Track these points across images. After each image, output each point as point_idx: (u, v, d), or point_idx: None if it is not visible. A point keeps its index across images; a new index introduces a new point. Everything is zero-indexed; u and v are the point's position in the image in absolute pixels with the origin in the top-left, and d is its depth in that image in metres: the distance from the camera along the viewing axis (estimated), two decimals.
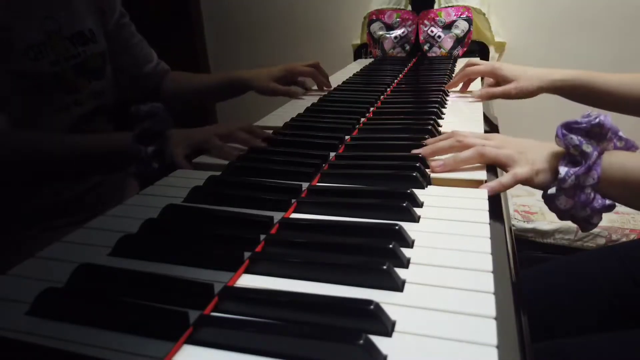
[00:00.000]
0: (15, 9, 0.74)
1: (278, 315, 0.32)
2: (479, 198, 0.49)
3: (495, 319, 0.31)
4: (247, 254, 0.39)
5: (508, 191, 0.59)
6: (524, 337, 0.33)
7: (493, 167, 0.58)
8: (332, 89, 1.05)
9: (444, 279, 0.36)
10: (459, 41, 1.46)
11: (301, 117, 0.83)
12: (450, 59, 1.41)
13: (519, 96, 0.86)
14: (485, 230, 0.43)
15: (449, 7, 1.49)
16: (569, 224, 1.41)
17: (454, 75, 1.07)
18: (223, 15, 2.23)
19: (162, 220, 0.46)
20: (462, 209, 0.47)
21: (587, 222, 0.54)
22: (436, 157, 0.59)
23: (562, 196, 0.52)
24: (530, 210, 1.50)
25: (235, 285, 0.36)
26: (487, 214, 0.46)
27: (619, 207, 0.54)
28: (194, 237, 0.43)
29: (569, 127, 0.52)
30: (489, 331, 0.30)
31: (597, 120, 0.51)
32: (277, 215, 0.46)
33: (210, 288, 0.34)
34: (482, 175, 0.55)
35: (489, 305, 0.32)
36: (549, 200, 0.54)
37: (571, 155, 0.52)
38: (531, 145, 0.57)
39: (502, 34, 1.79)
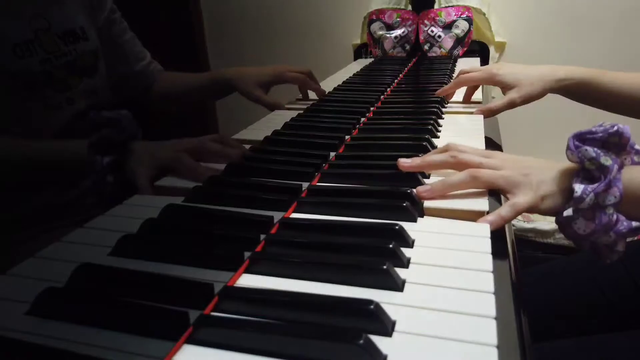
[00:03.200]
0: (2, 6, 0.74)
1: (278, 315, 0.32)
2: (480, 198, 0.49)
3: (495, 319, 0.31)
4: (247, 254, 0.39)
5: None
6: (524, 337, 0.33)
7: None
8: (325, 93, 0.99)
9: (444, 279, 0.36)
10: (459, 41, 1.46)
11: (301, 117, 0.83)
12: (450, 58, 1.41)
13: (524, 103, 0.78)
14: (485, 230, 0.43)
15: (449, 7, 1.49)
16: None
17: (453, 76, 1.07)
18: (223, 15, 2.23)
19: (162, 220, 0.46)
20: (462, 209, 0.47)
21: (610, 249, 0.46)
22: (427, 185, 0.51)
23: (580, 219, 0.44)
24: None
25: (235, 285, 0.36)
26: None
27: None
28: (194, 236, 0.43)
29: (583, 137, 0.46)
30: (489, 331, 0.30)
31: (615, 129, 0.45)
32: (277, 215, 0.46)
33: (210, 288, 0.34)
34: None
35: (489, 305, 0.32)
36: (564, 226, 0.46)
37: (586, 171, 0.45)
38: (537, 165, 0.50)
39: (502, 34, 1.79)
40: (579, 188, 0.44)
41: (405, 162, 0.53)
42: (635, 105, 0.75)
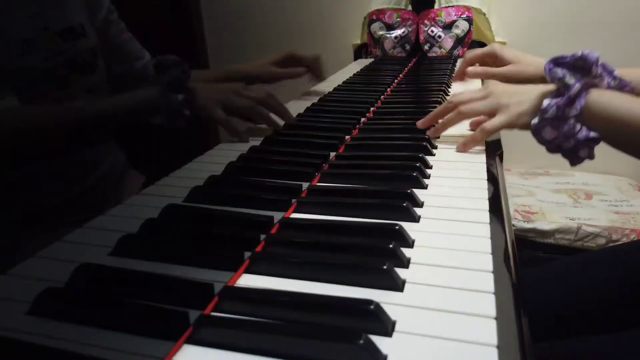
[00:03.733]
0: (5, 3, 0.74)
1: (278, 315, 0.32)
2: (480, 198, 0.49)
3: (495, 319, 0.31)
4: (247, 254, 0.39)
5: (508, 191, 0.59)
6: (524, 337, 0.33)
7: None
8: (331, 90, 1.03)
9: (444, 279, 0.36)
10: (459, 41, 1.46)
11: (301, 117, 0.83)
12: (450, 59, 1.41)
13: (516, 79, 0.84)
14: (485, 230, 0.43)
15: (449, 7, 1.49)
16: (569, 224, 1.41)
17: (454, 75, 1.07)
18: (223, 15, 2.23)
19: (162, 220, 0.46)
20: (462, 209, 0.47)
21: (574, 154, 0.56)
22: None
23: (547, 127, 0.54)
24: (530, 210, 1.50)
25: (235, 285, 0.36)
26: (487, 214, 0.46)
27: (620, 207, 0.55)
28: (194, 237, 0.43)
29: (557, 62, 0.55)
30: (489, 331, 0.30)
31: (579, 54, 0.54)
32: (277, 215, 0.46)
33: (211, 288, 0.34)
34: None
35: (489, 305, 0.32)
36: (535, 132, 0.56)
37: (558, 90, 0.55)
38: (521, 90, 0.60)
39: (502, 34, 1.79)
40: (545, 102, 0.54)
41: (418, 122, 0.68)
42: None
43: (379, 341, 0.29)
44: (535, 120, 0.55)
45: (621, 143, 0.55)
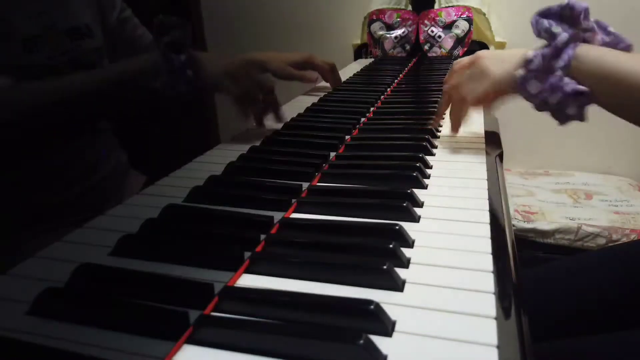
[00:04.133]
0: (11, 1, 0.75)
1: (278, 315, 0.32)
2: (480, 198, 0.49)
3: (495, 319, 0.31)
4: (247, 254, 0.39)
5: (508, 191, 0.59)
6: (524, 337, 0.33)
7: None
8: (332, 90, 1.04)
9: (444, 279, 0.36)
10: (459, 41, 1.46)
11: (301, 117, 0.83)
12: (450, 59, 1.41)
13: None
14: (485, 230, 0.43)
15: (449, 7, 1.49)
16: (569, 224, 1.41)
17: None
18: (223, 15, 2.23)
19: (162, 220, 0.46)
20: (462, 209, 0.47)
21: (561, 111, 0.52)
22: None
23: (533, 80, 0.52)
24: (530, 210, 1.50)
25: (235, 285, 0.36)
26: (487, 214, 0.46)
27: (620, 207, 0.54)
28: (194, 237, 0.43)
29: (542, 14, 0.54)
30: (489, 331, 0.30)
31: (567, 2, 0.52)
32: (277, 215, 0.46)
33: (211, 288, 0.34)
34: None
35: (489, 305, 0.32)
36: (520, 86, 0.54)
37: (545, 45, 0.53)
38: (507, 53, 0.60)
39: (502, 34, 1.78)
40: (531, 53, 0.53)
41: (434, 124, 0.71)
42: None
43: (379, 341, 0.29)
44: (520, 72, 0.53)
45: (613, 103, 0.52)
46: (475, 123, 0.76)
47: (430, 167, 0.59)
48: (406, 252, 0.39)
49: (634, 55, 0.50)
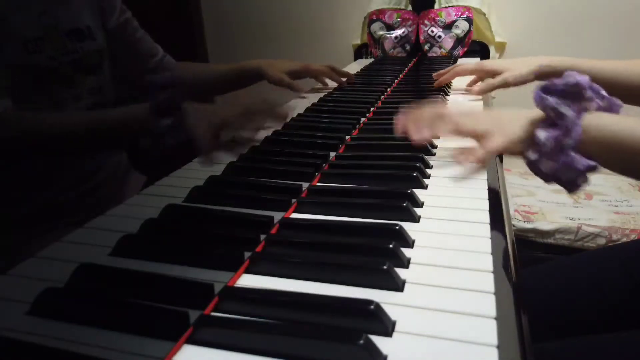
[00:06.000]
0: (13, 2, 0.75)
1: (278, 315, 0.32)
2: (479, 198, 0.49)
3: (495, 319, 0.31)
4: (247, 254, 0.39)
5: (508, 191, 0.59)
6: (524, 337, 0.33)
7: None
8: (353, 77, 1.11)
9: (444, 279, 0.36)
10: (459, 41, 1.46)
11: (301, 117, 0.83)
12: (450, 59, 1.41)
13: (516, 83, 0.87)
14: (485, 230, 0.43)
15: (449, 7, 1.49)
16: (569, 224, 1.41)
17: None
18: (223, 15, 2.23)
19: (162, 220, 0.46)
20: (462, 209, 0.47)
21: (572, 183, 0.53)
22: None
23: (545, 160, 0.52)
24: (530, 210, 1.50)
25: (235, 285, 0.36)
26: (487, 214, 0.46)
27: (620, 208, 0.54)
28: (194, 237, 0.43)
29: (546, 89, 0.52)
30: (489, 331, 0.30)
31: (573, 80, 0.51)
32: (278, 215, 0.46)
33: (211, 288, 0.34)
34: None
35: (489, 305, 0.32)
36: (532, 166, 0.54)
37: (549, 119, 0.52)
38: (510, 117, 0.58)
39: (502, 34, 1.79)
40: (541, 134, 0.51)
41: (400, 118, 0.64)
42: (617, 89, 0.78)
43: (379, 341, 0.29)
44: (534, 156, 0.53)
45: (621, 167, 0.53)
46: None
47: (431, 167, 0.59)
48: (406, 252, 0.39)
49: (635, 119, 0.51)
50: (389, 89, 1.02)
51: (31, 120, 0.72)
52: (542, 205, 1.52)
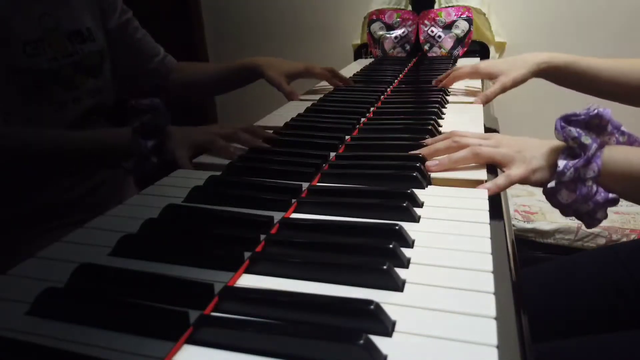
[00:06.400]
0: (12, 4, 0.75)
1: (278, 315, 0.32)
2: (479, 198, 0.49)
3: (495, 319, 0.31)
4: (247, 254, 0.39)
5: (508, 191, 0.59)
6: (524, 337, 0.33)
7: (493, 166, 0.58)
8: (351, 82, 1.09)
9: (444, 279, 0.36)
10: (459, 41, 1.46)
11: (301, 117, 0.83)
12: (450, 59, 1.41)
13: (514, 85, 0.86)
14: (485, 230, 0.43)
15: (449, 7, 1.49)
16: (569, 223, 1.41)
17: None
18: (223, 14, 2.23)
19: (162, 220, 0.46)
20: (462, 209, 0.47)
21: (591, 217, 0.52)
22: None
23: (563, 190, 0.51)
24: (531, 210, 1.50)
25: (235, 285, 0.36)
26: (487, 214, 0.46)
27: (620, 208, 0.54)
28: (194, 237, 0.43)
29: (568, 119, 0.52)
30: (489, 331, 0.30)
31: (595, 112, 0.51)
32: (278, 215, 0.46)
33: (211, 288, 0.34)
34: (482, 174, 0.55)
35: (489, 305, 0.32)
36: (550, 195, 0.53)
37: (570, 149, 0.51)
38: (529, 144, 0.56)
39: (502, 34, 1.78)
40: (561, 163, 0.50)
41: (413, 153, 0.60)
42: (615, 88, 0.79)
43: (379, 341, 0.29)
44: (551, 184, 0.52)
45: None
46: (475, 123, 0.76)
47: None
48: (406, 252, 0.39)
49: None
50: (389, 89, 1.02)
51: (13, 139, 0.72)
52: (542, 205, 1.52)
